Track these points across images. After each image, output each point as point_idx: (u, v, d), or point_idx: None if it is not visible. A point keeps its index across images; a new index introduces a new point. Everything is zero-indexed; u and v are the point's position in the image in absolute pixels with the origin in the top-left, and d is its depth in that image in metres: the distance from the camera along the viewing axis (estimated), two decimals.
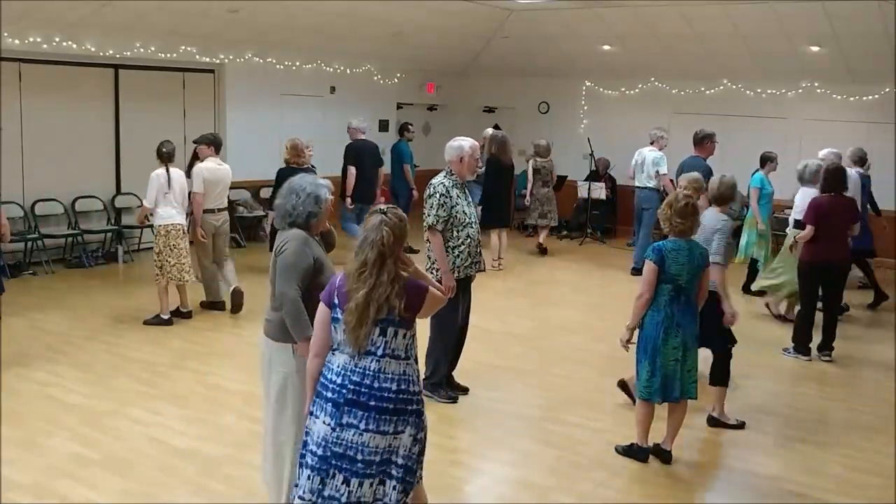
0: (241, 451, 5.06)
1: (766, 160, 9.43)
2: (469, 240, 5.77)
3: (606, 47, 12.99)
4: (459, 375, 6.22)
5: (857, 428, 5.90)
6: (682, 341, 4.93)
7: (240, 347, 7.22)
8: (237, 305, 8.16)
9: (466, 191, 5.90)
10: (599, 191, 12.96)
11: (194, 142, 8.55)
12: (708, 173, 7.92)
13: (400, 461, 3.43)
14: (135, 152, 8.59)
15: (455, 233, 5.71)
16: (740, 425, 5.75)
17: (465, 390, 6.17)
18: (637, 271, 10.04)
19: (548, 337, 7.75)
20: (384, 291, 3.33)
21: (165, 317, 7.72)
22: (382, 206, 3.54)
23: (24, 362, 6.57)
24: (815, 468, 5.18)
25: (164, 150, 7.75)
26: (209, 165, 8.03)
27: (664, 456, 5.12)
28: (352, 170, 10.41)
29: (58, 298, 8.52)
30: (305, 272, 3.86)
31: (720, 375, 5.76)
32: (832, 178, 7.14)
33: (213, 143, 8.16)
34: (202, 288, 8.28)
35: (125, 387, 6.17)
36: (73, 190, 8.86)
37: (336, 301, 3.45)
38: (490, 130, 12.84)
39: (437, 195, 5.66)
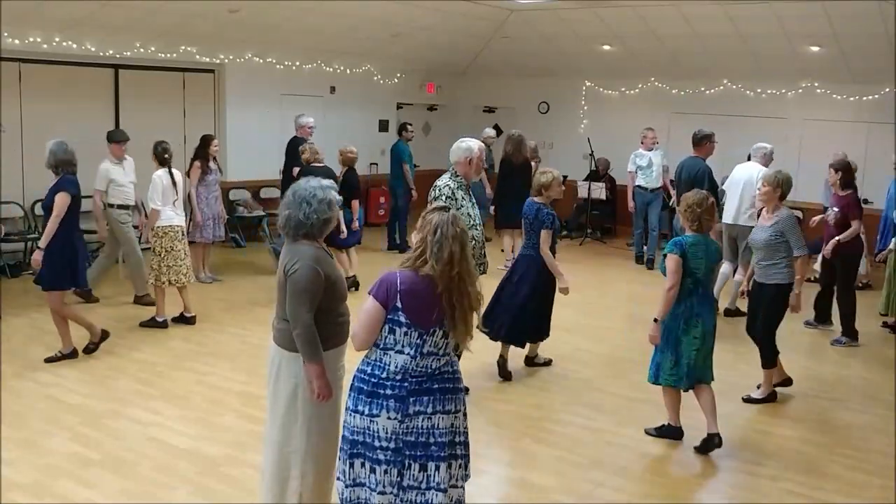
0: (241, 451, 5.07)
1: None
2: (473, 241, 5.76)
3: (606, 47, 12.98)
4: None
5: (857, 428, 5.90)
6: (701, 331, 5.19)
7: (239, 347, 7.22)
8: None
9: (471, 192, 5.90)
10: (599, 191, 12.96)
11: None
12: (707, 174, 7.91)
13: (460, 439, 3.57)
14: (135, 152, 8.61)
15: None
16: None
17: (465, 390, 6.15)
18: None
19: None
20: (479, 295, 3.52)
21: (160, 319, 7.66)
22: (441, 204, 3.49)
23: (24, 362, 6.57)
24: (815, 468, 5.18)
25: (165, 152, 7.75)
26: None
27: (715, 441, 5.22)
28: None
29: None
30: (318, 294, 3.69)
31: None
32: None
33: None
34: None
35: (125, 387, 6.17)
36: None
37: (399, 304, 3.35)
38: (490, 130, 12.84)
39: (443, 197, 5.66)
